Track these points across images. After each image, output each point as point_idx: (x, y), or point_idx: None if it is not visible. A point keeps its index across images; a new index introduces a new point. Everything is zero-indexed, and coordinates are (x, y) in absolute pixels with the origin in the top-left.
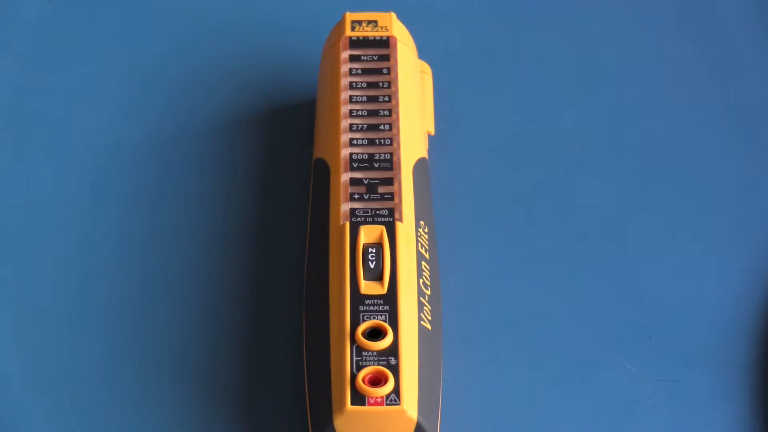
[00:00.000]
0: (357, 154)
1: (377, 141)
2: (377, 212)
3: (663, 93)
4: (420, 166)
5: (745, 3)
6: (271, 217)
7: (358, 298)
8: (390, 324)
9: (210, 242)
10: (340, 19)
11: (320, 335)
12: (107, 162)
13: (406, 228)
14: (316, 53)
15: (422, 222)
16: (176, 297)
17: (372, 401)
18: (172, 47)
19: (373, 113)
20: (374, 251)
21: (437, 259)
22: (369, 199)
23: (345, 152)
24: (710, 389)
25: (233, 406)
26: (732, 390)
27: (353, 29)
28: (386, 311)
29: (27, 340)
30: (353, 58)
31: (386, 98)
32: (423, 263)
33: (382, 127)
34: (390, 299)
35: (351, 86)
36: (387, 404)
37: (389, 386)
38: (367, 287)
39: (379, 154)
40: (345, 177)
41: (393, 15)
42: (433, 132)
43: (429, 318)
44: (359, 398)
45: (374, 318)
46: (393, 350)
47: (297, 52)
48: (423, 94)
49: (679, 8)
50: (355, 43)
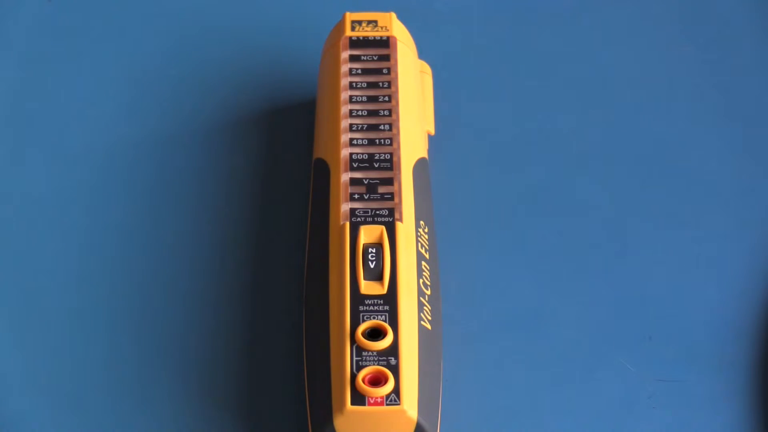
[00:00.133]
0: (357, 154)
1: (377, 141)
2: (377, 212)
3: (663, 93)
4: (420, 166)
5: (745, 3)
6: (271, 217)
7: (358, 298)
8: (390, 324)
9: (210, 242)
10: (340, 19)
11: (320, 335)
12: (107, 162)
13: (406, 228)
14: (316, 53)
15: (422, 222)
16: (176, 297)
17: (372, 401)
18: (172, 47)
19: (373, 113)
20: (374, 251)
21: (437, 259)
22: (369, 199)
23: (345, 152)
24: (710, 389)
25: (233, 406)
26: (732, 390)
27: (353, 29)
28: (386, 311)
29: (27, 340)
30: (353, 58)
31: (386, 98)
32: (423, 263)
33: (382, 127)
34: (390, 299)
35: (351, 86)
36: (387, 404)
37: (389, 386)
38: (367, 287)
39: (379, 154)
40: (345, 177)
41: (393, 15)
42: (433, 132)
43: (429, 318)
44: (359, 398)
45: (374, 318)
46: (393, 350)
47: (297, 52)
48: (423, 94)
49: (679, 8)
50: (355, 43)
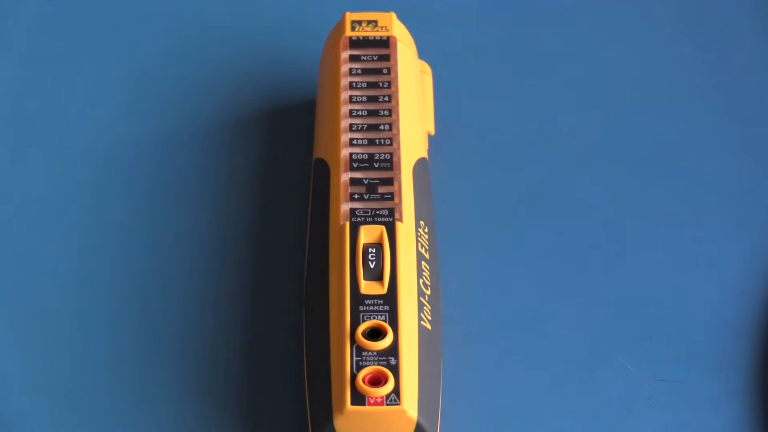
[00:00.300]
0: (357, 154)
1: (377, 141)
2: (377, 212)
3: (663, 93)
4: (420, 166)
5: (745, 3)
6: (271, 217)
7: (358, 298)
8: (390, 324)
9: (210, 242)
10: (340, 19)
11: (320, 335)
12: (107, 162)
13: (406, 228)
14: (316, 53)
15: (422, 222)
16: (176, 297)
17: (372, 401)
18: (172, 47)
19: (373, 113)
20: (374, 251)
21: (437, 259)
22: (369, 199)
23: (345, 152)
24: (710, 389)
25: (233, 406)
26: (732, 390)
27: (353, 29)
28: (386, 311)
29: (27, 340)
30: (353, 58)
31: (386, 98)
32: (423, 263)
33: (382, 127)
34: (390, 299)
35: (351, 86)
36: (387, 404)
37: (389, 386)
38: (367, 287)
39: (379, 154)
40: (345, 177)
41: (393, 15)
42: (433, 132)
43: (429, 318)
44: (359, 398)
45: (374, 318)
46: (393, 350)
47: (297, 52)
48: (423, 94)
49: (679, 8)
50: (355, 43)
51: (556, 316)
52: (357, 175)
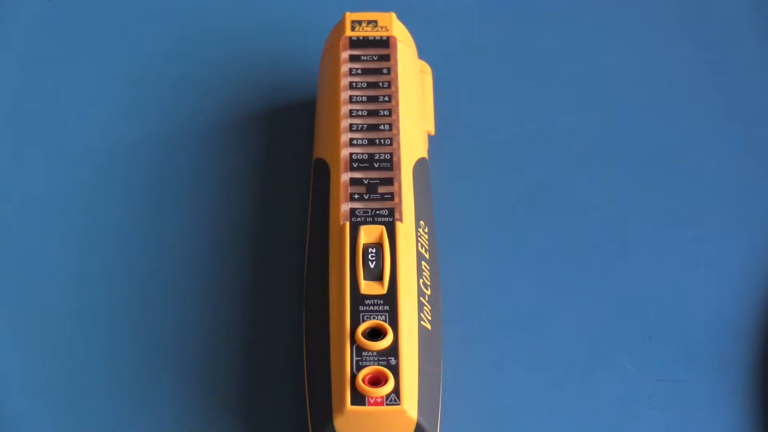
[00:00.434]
0: (357, 154)
1: (377, 141)
2: (377, 212)
3: (663, 93)
4: (420, 166)
5: (745, 3)
6: (271, 217)
7: (358, 298)
8: (390, 324)
9: (210, 242)
10: (340, 19)
11: (320, 335)
12: (107, 162)
13: (406, 228)
14: (316, 53)
15: (422, 222)
16: (176, 297)
17: (372, 401)
18: (172, 47)
19: (373, 113)
20: (374, 251)
21: (437, 259)
22: (369, 199)
23: (345, 152)
24: (710, 389)
25: (233, 406)
26: (732, 390)
27: (353, 29)
28: (386, 311)
29: (27, 340)
30: (353, 58)
31: (386, 98)
32: (423, 263)
33: (382, 127)
34: (390, 299)
35: (351, 86)
36: (387, 404)
37: (389, 386)
38: (367, 287)
39: (379, 154)
40: (345, 177)
41: (393, 15)
42: (433, 132)
43: (429, 318)
44: (359, 398)
45: (374, 318)
46: (393, 350)
47: (297, 52)
48: (423, 94)
49: (679, 8)
50: (355, 43)
51: (556, 316)
52: (357, 175)
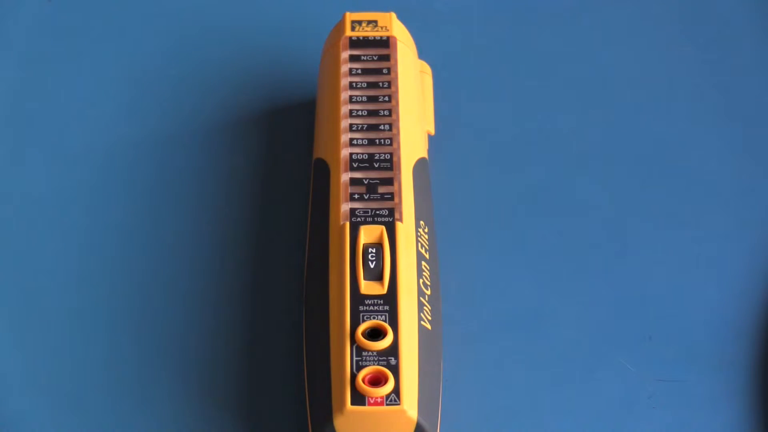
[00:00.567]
0: (357, 154)
1: (377, 141)
2: (377, 212)
3: (663, 93)
4: (420, 166)
5: (745, 3)
6: (271, 217)
7: (358, 298)
8: (390, 324)
9: (210, 242)
10: (340, 19)
11: (320, 335)
12: (107, 162)
13: (406, 228)
14: (316, 53)
15: (422, 222)
16: (176, 297)
17: (372, 401)
18: (172, 47)
19: (373, 113)
20: (374, 251)
21: (437, 259)
22: (369, 199)
23: (345, 152)
24: (710, 389)
25: (233, 406)
26: (732, 390)
27: (353, 29)
28: (386, 311)
29: (27, 340)
30: (353, 58)
31: (386, 98)
32: (423, 263)
33: (382, 127)
34: (390, 299)
35: (351, 86)
36: (387, 404)
37: (389, 386)
38: (367, 287)
39: (379, 154)
40: (345, 177)
41: (393, 15)
42: (433, 132)
43: (429, 318)
44: (359, 398)
45: (374, 318)
46: (393, 350)
47: (297, 52)
48: (423, 94)
49: (679, 8)
50: (355, 43)
51: (556, 316)
52: (357, 175)
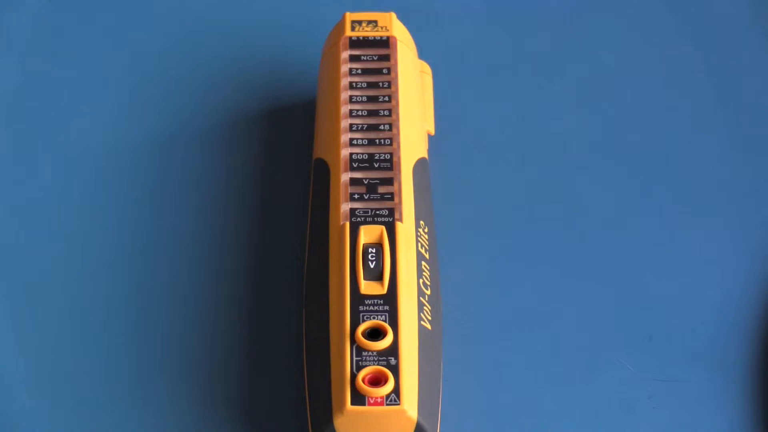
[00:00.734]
0: (357, 154)
1: (377, 141)
2: (377, 212)
3: (662, 93)
4: (420, 166)
5: (745, 3)
6: (271, 217)
7: (358, 298)
8: (390, 324)
9: (210, 242)
10: (340, 19)
11: (320, 335)
12: (107, 162)
13: (406, 228)
14: (316, 53)
15: (422, 222)
16: (176, 297)
17: (372, 401)
18: (172, 47)
19: (373, 113)
20: (374, 251)
21: (437, 259)
22: (369, 199)
23: (345, 152)
24: (710, 389)
25: (233, 406)
26: (732, 390)
27: (353, 29)
28: (386, 311)
29: (27, 340)
30: (353, 58)
31: (386, 98)
32: (423, 263)
33: (382, 127)
34: (390, 299)
35: (351, 86)
36: (387, 404)
37: (389, 386)
38: (367, 287)
39: (379, 154)
40: (345, 177)
41: (393, 15)
42: (433, 132)
43: (429, 318)
44: (359, 398)
45: (374, 318)
46: (393, 350)
47: (297, 52)
48: (423, 94)
49: (679, 9)
50: (355, 43)
51: (556, 316)
52: (357, 175)
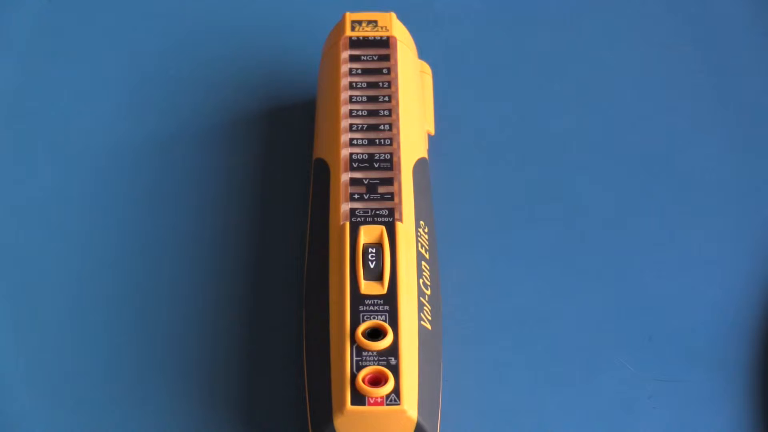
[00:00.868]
0: (357, 154)
1: (377, 141)
2: (377, 212)
3: (662, 93)
4: (420, 166)
5: (745, 3)
6: (271, 217)
7: (358, 298)
8: (390, 324)
9: (210, 242)
10: (340, 19)
11: (320, 335)
12: (107, 162)
13: (406, 228)
14: (316, 53)
15: (422, 222)
16: (176, 297)
17: (372, 401)
18: (172, 47)
19: (373, 113)
20: (374, 251)
21: (437, 259)
22: (369, 199)
23: (345, 152)
24: (710, 389)
25: (233, 406)
26: (732, 390)
27: (353, 29)
28: (386, 311)
29: (27, 340)
30: (353, 58)
31: (386, 98)
32: (423, 263)
33: (382, 127)
34: (390, 299)
35: (351, 86)
36: (387, 404)
37: (389, 386)
38: (367, 287)
39: (379, 154)
40: (345, 177)
41: (393, 15)
42: (433, 132)
43: (429, 318)
44: (359, 398)
45: (374, 318)
46: (393, 350)
47: (297, 52)
48: (423, 94)
49: (679, 9)
50: (355, 43)
51: (556, 316)
52: (357, 175)
